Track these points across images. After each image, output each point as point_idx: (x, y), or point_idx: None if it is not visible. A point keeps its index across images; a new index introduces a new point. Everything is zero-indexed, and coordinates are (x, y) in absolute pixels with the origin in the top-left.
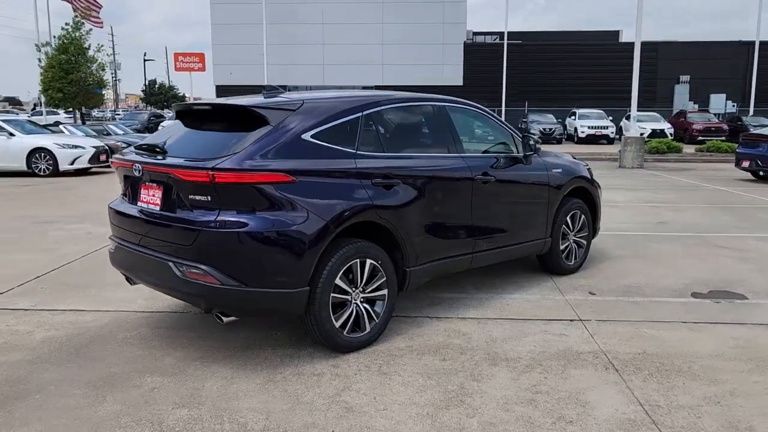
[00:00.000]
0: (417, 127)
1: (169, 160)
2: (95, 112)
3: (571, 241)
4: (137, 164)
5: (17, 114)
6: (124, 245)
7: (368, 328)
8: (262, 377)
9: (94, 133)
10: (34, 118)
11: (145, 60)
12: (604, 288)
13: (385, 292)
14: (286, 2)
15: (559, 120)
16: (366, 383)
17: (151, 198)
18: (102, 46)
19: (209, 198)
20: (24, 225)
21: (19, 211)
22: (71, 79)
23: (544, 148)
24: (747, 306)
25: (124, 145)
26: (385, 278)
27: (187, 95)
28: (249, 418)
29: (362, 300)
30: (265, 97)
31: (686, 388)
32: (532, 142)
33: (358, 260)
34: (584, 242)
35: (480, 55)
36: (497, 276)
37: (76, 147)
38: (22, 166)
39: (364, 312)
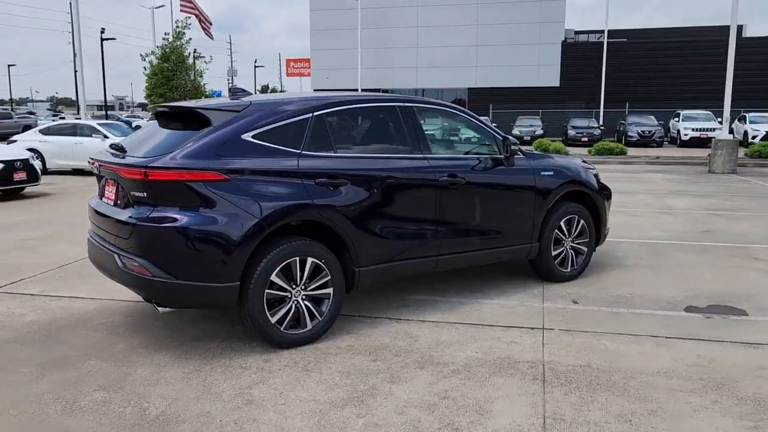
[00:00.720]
0: (375, 128)
1: (118, 159)
2: None
3: (568, 247)
4: (97, 162)
5: (142, 117)
6: (92, 239)
7: (309, 326)
8: (192, 367)
9: None
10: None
11: (255, 67)
12: (593, 297)
13: (329, 291)
14: (381, 6)
15: (661, 122)
16: (283, 378)
17: (110, 194)
18: (200, 54)
19: (145, 195)
20: (83, 219)
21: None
22: (171, 86)
23: (634, 152)
24: (739, 323)
25: None
26: (329, 277)
27: None
28: (152, 404)
29: (304, 297)
30: (230, 99)
31: (606, 404)
32: (510, 145)
33: (297, 258)
34: (584, 249)
35: (578, 54)
36: (486, 280)
37: None
38: None
39: (305, 309)
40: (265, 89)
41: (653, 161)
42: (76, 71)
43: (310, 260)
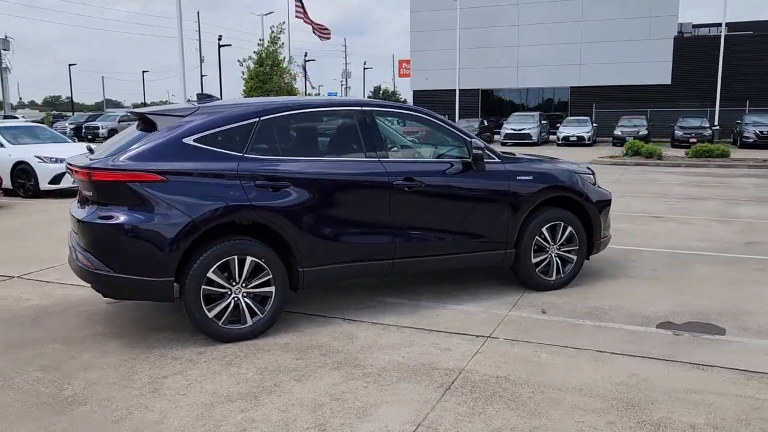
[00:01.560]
0: (328, 131)
1: (78, 161)
2: None
3: (553, 255)
4: (67, 163)
5: None
6: (69, 238)
7: (250, 322)
8: (130, 355)
9: None
10: None
11: (364, 68)
12: (567, 308)
13: (271, 289)
14: (481, 6)
15: None
16: (201, 371)
17: (79, 194)
18: (292, 58)
19: (92, 193)
20: None
21: None
22: (266, 89)
23: (742, 154)
24: (708, 342)
25: None
26: (271, 276)
27: (406, 99)
28: (72, 386)
29: (245, 295)
30: (197, 103)
31: (493, 417)
32: (473, 149)
33: (236, 257)
34: (572, 257)
35: (692, 50)
36: (468, 285)
37: None
38: None
39: (245, 306)
40: (377, 91)
41: (758, 165)
42: (203, 75)
43: (249, 259)
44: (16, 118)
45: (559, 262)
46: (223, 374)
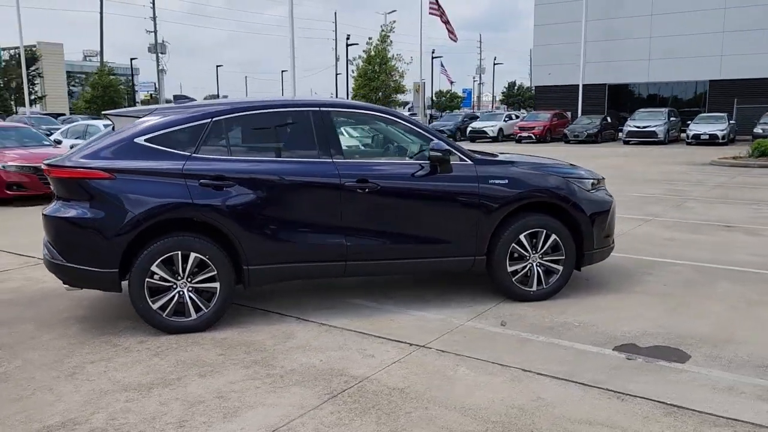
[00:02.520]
0: (281, 132)
1: (50, 158)
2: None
3: (534, 264)
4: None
5: None
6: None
7: (194, 316)
8: (82, 339)
9: None
10: None
11: (494, 64)
12: (531, 321)
13: (216, 285)
14: None
15: None
16: (126, 359)
17: None
18: (400, 55)
19: (54, 189)
20: None
21: None
22: (373, 86)
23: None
24: (657, 370)
25: None
26: (215, 272)
27: None
28: (11, 364)
29: (190, 289)
30: (174, 103)
31: (356, 429)
32: (430, 150)
33: (179, 252)
34: (558, 267)
35: None
36: (447, 290)
37: None
38: None
39: (189, 300)
40: (511, 86)
41: None
42: (337, 74)
43: (193, 255)
44: None
45: (541, 272)
46: (143, 364)
